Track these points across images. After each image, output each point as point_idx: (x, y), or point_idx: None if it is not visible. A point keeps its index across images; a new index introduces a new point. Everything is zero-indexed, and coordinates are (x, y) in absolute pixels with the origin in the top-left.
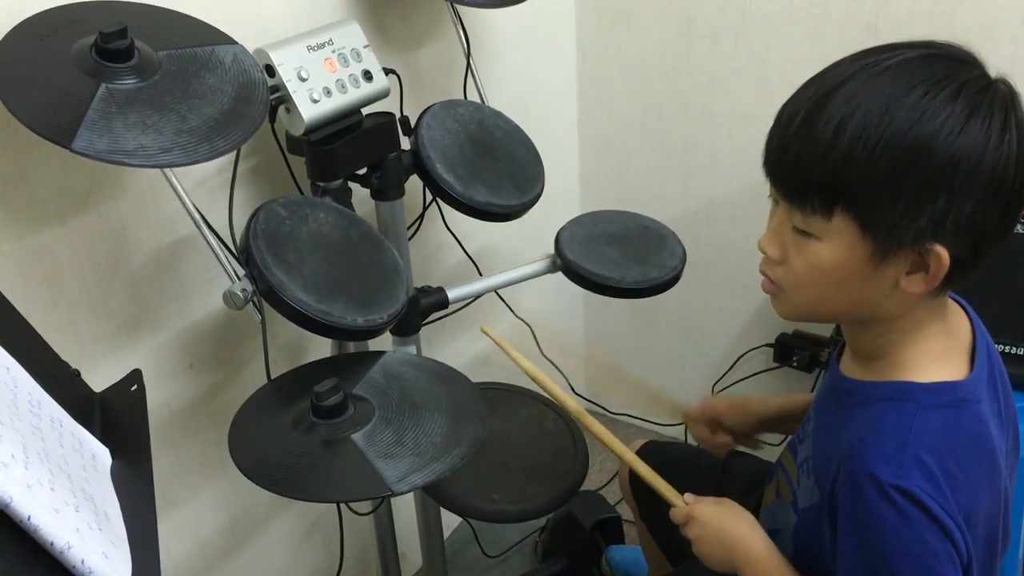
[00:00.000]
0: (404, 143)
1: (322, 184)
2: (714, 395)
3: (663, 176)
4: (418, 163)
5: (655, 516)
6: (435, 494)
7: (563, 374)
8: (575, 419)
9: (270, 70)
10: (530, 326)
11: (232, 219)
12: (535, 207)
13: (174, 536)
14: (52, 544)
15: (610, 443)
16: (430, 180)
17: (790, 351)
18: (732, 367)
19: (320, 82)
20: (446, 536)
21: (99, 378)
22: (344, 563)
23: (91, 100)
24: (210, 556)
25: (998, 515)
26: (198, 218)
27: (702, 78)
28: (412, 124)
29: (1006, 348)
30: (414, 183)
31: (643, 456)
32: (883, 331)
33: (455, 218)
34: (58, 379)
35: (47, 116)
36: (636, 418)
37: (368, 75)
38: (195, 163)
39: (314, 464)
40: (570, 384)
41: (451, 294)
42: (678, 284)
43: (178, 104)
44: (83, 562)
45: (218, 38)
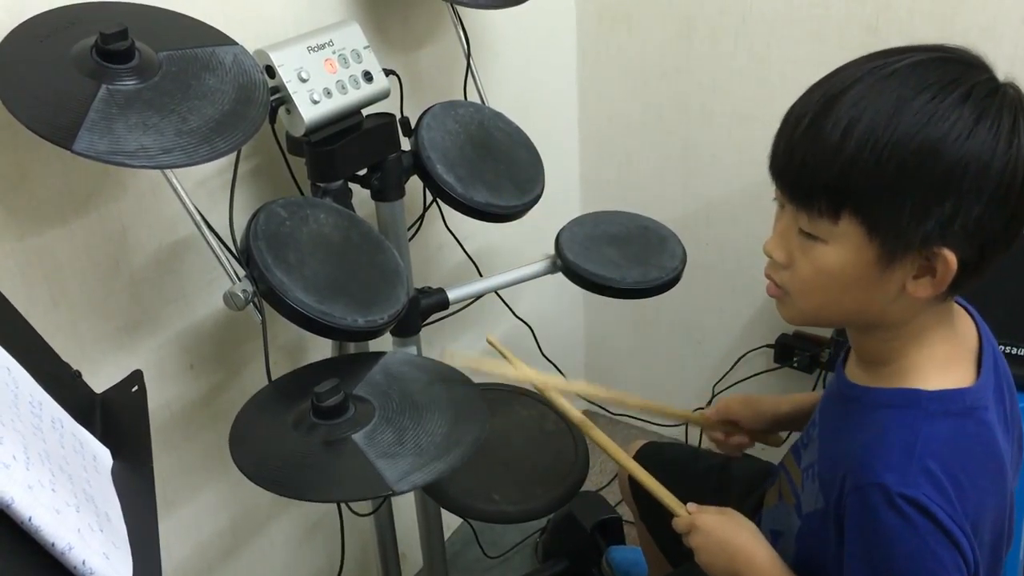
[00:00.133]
0: (404, 144)
1: (322, 185)
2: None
3: (663, 176)
4: (418, 164)
5: (655, 517)
6: (435, 495)
7: (563, 374)
8: (578, 427)
9: (270, 71)
10: (530, 326)
11: (232, 220)
12: (535, 208)
13: (175, 537)
14: (53, 545)
15: (613, 452)
16: (430, 181)
17: (791, 352)
18: (732, 368)
19: (320, 83)
20: (447, 537)
21: (100, 379)
22: (345, 564)
23: (92, 101)
24: (211, 557)
25: (1004, 520)
26: (199, 219)
27: (702, 78)
28: (412, 125)
29: (1008, 349)
30: (414, 184)
31: (643, 457)
32: (889, 336)
33: (455, 219)
34: (59, 380)
35: (48, 117)
36: (636, 419)
37: (368, 76)
38: (196, 164)
39: (315, 464)
40: None
41: (451, 295)
42: (678, 284)
43: (179, 105)
44: (84, 563)
45: (218, 39)
